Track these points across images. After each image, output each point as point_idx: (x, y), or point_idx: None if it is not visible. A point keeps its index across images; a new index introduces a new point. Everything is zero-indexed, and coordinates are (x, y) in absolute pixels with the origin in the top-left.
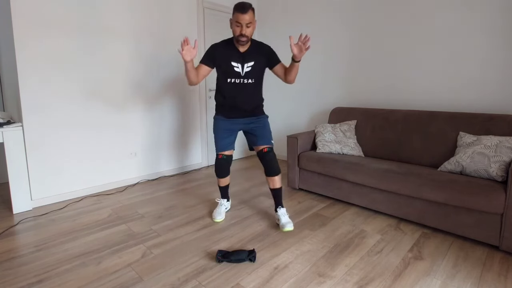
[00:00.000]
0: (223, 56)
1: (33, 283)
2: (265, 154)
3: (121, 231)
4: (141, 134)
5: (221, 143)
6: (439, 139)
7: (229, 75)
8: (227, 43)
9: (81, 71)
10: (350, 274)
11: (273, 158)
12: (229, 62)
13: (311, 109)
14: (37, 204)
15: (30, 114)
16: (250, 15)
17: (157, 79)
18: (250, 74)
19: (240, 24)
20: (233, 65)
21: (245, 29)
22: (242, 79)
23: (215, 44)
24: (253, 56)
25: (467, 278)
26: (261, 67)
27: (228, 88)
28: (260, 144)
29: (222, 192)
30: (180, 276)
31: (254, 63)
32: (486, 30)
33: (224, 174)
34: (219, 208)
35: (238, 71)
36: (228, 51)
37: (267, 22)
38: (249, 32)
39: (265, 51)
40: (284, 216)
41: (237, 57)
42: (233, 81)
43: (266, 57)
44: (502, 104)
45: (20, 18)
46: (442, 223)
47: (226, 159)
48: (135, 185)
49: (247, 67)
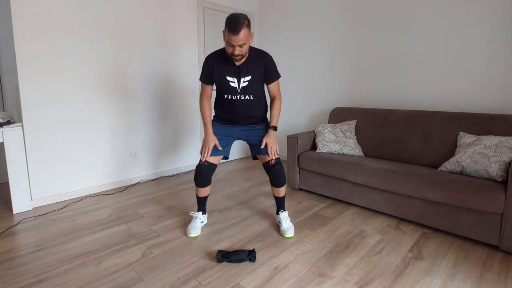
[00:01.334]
0: (217, 70)
1: (33, 283)
2: (272, 167)
3: (121, 231)
4: (141, 134)
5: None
6: (439, 139)
7: (225, 91)
8: (222, 54)
9: (81, 71)
10: (350, 274)
11: (280, 171)
12: (224, 76)
13: (311, 109)
14: (37, 204)
15: (30, 114)
16: (244, 34)
17: (157, 79)
18: (247, 90)
19: (233, 45)
20: (228, 80)
21: (238, 48)
22: (239, 95)
23: (209, 56)
24: (250, 70)
25: (467, 278)
26: (260, 81)
27: (225, 103)
28: (264, 154)
29: (199, 204)
30: (180, 276)
31: (252, 77)
32: (487, 30)
33: (203, 183)
34: (193, 222)
35: (234, 86)
36: (223, 65)
37: (267, 21)
38: (243, 51)
39: (264, 62)
40: (286, 221)
41: (232, 71)
42: (229, 97)
43: (264, 70)
44: (502, 104)
45: (20, 18)
46: (442, 223)
47: (207, 166)
48: (135, 185)
49: (243, 82)
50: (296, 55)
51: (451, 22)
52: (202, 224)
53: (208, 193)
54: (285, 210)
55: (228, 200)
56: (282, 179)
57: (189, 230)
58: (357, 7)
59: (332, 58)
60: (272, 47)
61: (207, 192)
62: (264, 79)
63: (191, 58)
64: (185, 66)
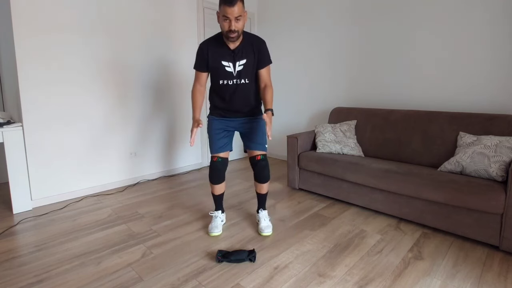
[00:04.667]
0: (212, 55)
1: (33, 283)
2: (258, 162)
3: (121, 231)
4: (141, 134)
5: (216, 144)
6: (439, 139)
7: (220, 76)
8: (216, 40)
9: (81, 71)
10: (350, 274)
11: (265, 167)
12: (220, 61)
13: (311, 109)
14: (37, 204)
15: (30, 114)
16: (239, 7)
17: (157, 78)
18: (243, 74)
19: (228, 18)
20: (223, 65)
21: (235, 23)
22: (235, 79)
23: (203, 43)
24: (245, 53)
25: (467, 278)
26: (254, 65)
27: (221, 90)
28: (253, 149)
29: (217, 203)
30: (180, 276)
31: (247, 60)
32: (487, 30)
33: (220, 179)
34: (214, 221)
35: (230, 70)
36: (218, 49)
37: (267, 21)
38: (239, 26)
39: (257, 46)
40: (265, 220)
41: (227, 55)
42: (225, 83)
43: (257, 54)
44: (502, 104)
45: (20, 18)
46: (442, 223)
47: (221, 161)
48: (135, 185)
49: (239, 66)
50: (296, 55)
51: (451, 22)
52: (222, 223)
53: (223, 190)
54: (265, 209)
55: (228, 200)
56: (266, 174)
57: (211, 229)
58: (358, 7)
59: (332, 58)
60: (272, 47)
61: (223, 189)
62: (256, 64)
63: (191, 58)
64: (185, 66)
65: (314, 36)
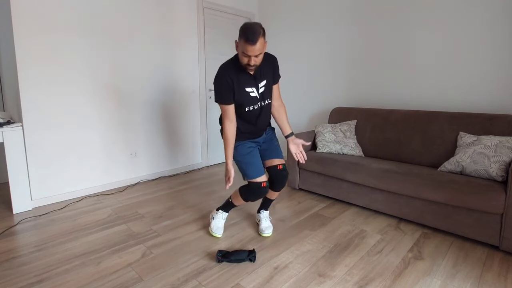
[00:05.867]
0: (237, 84)
1: (33, 283)
2: (279, 172)
3: (121, 231)
4: (141, 134)
5: (256, 166)
6: (439, 139)
7: (246, 104)
8: (235, 65)
9: (81, 71)
10: (350, 274)
11: (285, 176)
12: (244, 89)
13: (311, 109)
14: (37, 204)
15: (30, 114)
16: (261, 43)
17: (157, 79)
18: (265, 95)
19: (249, 56)
20: (248, 92)
21: (254, 59)
22: (259, 102)
23: (224, 70)
24: (263, 74)
25: (467, 278)
26: (271, 83)
27: (247, 116)
28: (273, 158)
29: (229, 208)
30: (180, 276)
31: (266, 80)
32: (487, 30)
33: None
34: (219, 222)
35: (254, 95)
36: (240, 77)
37: (268, 22)
38: (258, 61)
39: (272, 64)
40: (266, 220)
41: (250, 80)
42: (251, 109)
43: (273, 72)
44: (502, 104)
45: (20, 18)
46: (442, 223)
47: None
48: (135, 185)
49: (260, 88)
50: (296, 55)
51: (451, 22)
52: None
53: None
54: (267, 210)
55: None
56: (284, 183)
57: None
58: (357, 7)
59: (332, 58)
60: (272, 47)
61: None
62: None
63: (191, 58)
64: (185, 66)
65: (314, 36)
